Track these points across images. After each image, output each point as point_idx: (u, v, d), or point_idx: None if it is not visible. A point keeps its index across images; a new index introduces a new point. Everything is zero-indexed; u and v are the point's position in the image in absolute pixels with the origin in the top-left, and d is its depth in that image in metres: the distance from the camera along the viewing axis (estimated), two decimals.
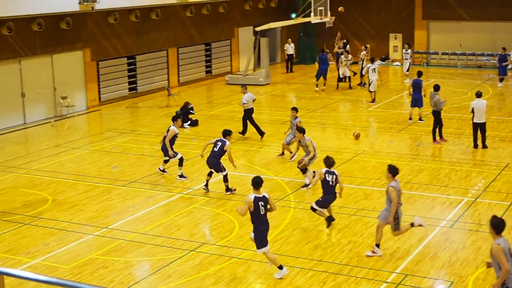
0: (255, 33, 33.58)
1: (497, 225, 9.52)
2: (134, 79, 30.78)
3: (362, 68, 31.58)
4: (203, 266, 12.60)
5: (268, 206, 11.82)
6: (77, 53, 27.68)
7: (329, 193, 14.07)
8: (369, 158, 19.67)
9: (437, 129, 21.16)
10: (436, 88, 21.27)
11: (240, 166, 19.14)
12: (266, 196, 11.78)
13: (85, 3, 25.96)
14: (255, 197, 11.66)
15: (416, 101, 23.41)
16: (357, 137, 21.76)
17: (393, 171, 12.69)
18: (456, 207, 15.50)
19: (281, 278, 11.92)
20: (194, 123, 24.55)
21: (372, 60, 29.10)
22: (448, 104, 25.09)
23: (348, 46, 34.49)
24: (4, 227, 14.87)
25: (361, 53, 31.97)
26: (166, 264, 12.69)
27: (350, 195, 16.43)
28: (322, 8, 34.08)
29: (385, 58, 39.77)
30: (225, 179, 16.75)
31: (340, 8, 26.73)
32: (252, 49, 33.74)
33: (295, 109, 19.38)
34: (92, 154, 21.03)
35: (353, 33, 40.45)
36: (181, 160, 17.96)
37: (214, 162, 16.64)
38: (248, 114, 22.52)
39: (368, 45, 34.46)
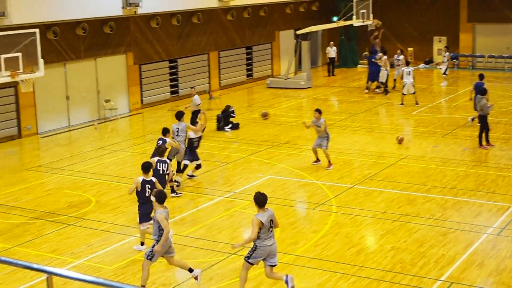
0: (296, 36, 33.53)
1: (257, 200, 10.91)
2: (176, 82, 30.94)
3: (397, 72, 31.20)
4: None
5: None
6: (120, 56, 27.96)
7: (160, 182, 14.03)
8: (413, 163, 19.41)
9: (483, 134, 20.78)
10: (483, 92, 20.90)
11: (281, 170, 19.11)
12: (153, 180, 13.31)
13: (128, 8, 26.23)
14: (143, 179, 13.17)
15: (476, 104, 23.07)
16: (400, 141, 21.50)
17: (159, 197, 11.50)
18: (504, 214, 15.15)
19: (139, 250, 13.19)
20: (235, 127, 24.55)
21: (407, 64, 28.90)
22: (495, 109, 24.64)
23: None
24: (50, 227, 15.06)
25: (400, 57, 31.61)
26: (207, 267, 12.68)
27: (393, 200, 16.24)
28: (365, 11, 33.88)
29: (429, 61, 39.33)
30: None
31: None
32: (293, 53, 33.66)
33: (318, 111, 18.95)
34: (134, 157, 21.19)
35: (396, 36, 40.03)
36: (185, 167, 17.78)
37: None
38: (197, 115, 23.16)
39: (403, 49, 34.06)
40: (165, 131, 17.06)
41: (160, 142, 16.84)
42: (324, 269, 12.42)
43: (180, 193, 17.00)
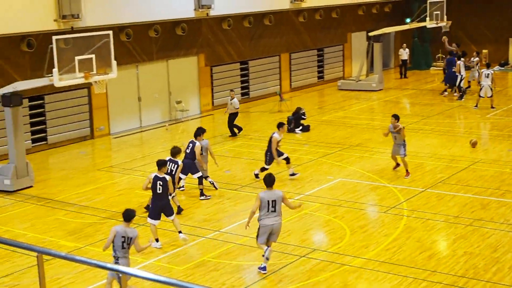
0: (368, 38, 33.17)
1: (265, 180, 12.39)
2: (247, 84, 31.07)
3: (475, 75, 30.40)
4: (313, 272, 12.45)
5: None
6: (191, 58, 28.26)
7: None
8: (487, 167, 18.88)
9: None
10: None
11: (352, 172, 18.89)
12: (167, 178, 13.65)
13: (200, 10, 26.49)
14: (155, 176, 13.63)
15: None
16: (474, 145, 20.97)
17: (124, 215, 11.13)
18: None
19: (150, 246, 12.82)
20: (306, 129, 24.45)
21: (488, 66, 28.07)
22: None
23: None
24: None
25: (474, 59, 30.85)
26: (277, 269, 12.63)
27: (466, 204, 15.83)
28: (438, 12, 33.22)
29: (505, 63, 38.27)
30: (200, 181, 16.79)
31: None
32: (365, 54, 33.31)
33: (395, 117, 18.22)
34: None
35: (470, 38, 39.14)
36: (287, 159, 18.10)
37: (188, 163, 16.59)
38: (235, 117, 23.80)
39: (478, 51, 33.18)
40: (198, 133, 17.15)
41: (191, 145, 16.89)
42: (395, 273, 12.20)
43: (209, 196, 17.03)
